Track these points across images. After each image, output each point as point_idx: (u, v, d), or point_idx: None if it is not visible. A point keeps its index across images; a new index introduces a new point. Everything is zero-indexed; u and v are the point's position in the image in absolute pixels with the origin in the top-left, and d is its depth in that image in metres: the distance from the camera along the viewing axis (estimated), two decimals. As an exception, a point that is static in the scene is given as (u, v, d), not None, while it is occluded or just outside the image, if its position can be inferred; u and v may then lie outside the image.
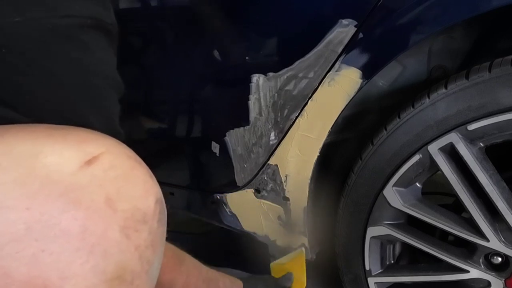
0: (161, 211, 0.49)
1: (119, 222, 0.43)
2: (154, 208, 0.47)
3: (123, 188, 0.45)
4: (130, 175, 0.47)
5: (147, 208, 0.46)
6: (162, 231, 0.49)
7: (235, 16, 0.94)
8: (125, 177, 0.46)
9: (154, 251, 0.46)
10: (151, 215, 0.47)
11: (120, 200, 0.44)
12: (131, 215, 0.44)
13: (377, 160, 0.90)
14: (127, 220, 0.44)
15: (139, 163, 0.49)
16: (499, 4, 0.70)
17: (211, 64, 0.98)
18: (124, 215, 0.44)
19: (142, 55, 1.13)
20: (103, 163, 0.45)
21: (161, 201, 0.50)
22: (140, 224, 0.45)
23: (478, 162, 0.80)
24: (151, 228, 0.46)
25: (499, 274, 0.88)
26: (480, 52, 0.92)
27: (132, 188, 0.46)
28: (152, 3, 1.05)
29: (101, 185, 0.44)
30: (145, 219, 0.46)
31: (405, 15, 0.76)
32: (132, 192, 0.46)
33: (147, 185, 0.48)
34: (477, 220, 0.84)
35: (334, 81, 0.84)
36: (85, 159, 0.44)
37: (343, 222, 1.01)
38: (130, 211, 0.45)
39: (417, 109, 0.84)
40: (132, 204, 0.45)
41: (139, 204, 0.46)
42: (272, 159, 0.99)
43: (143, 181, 0.48)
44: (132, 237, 0.44)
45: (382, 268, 1.01)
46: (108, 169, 0.45)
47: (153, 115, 1.19)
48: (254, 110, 0.96)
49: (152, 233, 0.46)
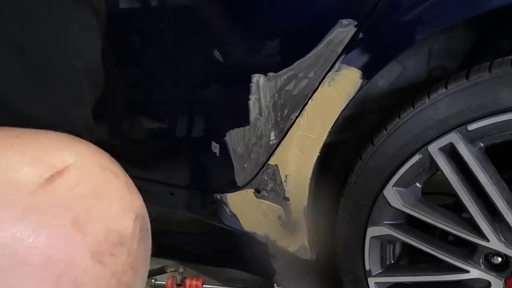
0: (142, 228, 0.43)
1: (90, 247, 0.38)
2: (133, 227, 0.42)
3: (94, 207, 0.40)
4: (102, 190, 0.41)
5: (124, 228, 0.41)
6: (145, 249, 0.44)
7: (235, 16, 0.94)
8: (96, 194, 0.40)
9: (134, 274, 0.42)
10: (130, 235, 0.41)
11: (90, 222, 0.39)
12: (104, 238, 0.39)
13: (377, 160, 0.90)
14: (100, 244, 0.39)
15: (115, 174, 0.43)
16: (499, 4, 0.70)
17: (211, 64, 0.98)
18: (96, 239, 0.39)
19: (142, 55, 1.13)
20: (68, 179, 0.39)
21: (142, 217, 0.44)
22: (116, 247, 0.40)
23: (478, 162, 0.80)
24: (130, 250, 0.41)
25: (499, 274, 0.88)
26: (480, 52, 0.92)
27: (105, 206, 0.40)
28: (152, 3, 1.05)
29: (66, 206, 0.38)
30: (122, 240, 0.40)
31: (405, 15, 0.76)
32: (105, 211, 0.40)
33: (123, 201, 0.42)
34: (477, 220, 0.84)
35: (334, 81, 0.84)
36: (47, 175, 0.38)
37: (343, 222, 1.01)
38: (103, 233, 0.39)
39: (417, 109, 0.84)
40: (105, 225, 0.40)
41: (114, 224, 0.40)
42: (272, 159, 0.99)
43: (119, 196, 0.42)
44: (107, 262, 0.39)
45: (382, 268, 1.01)
46: (75, 185, 0.39)
47: (153, 115, 1.19)
48: (254, 110, 0.96)
49: (132, 255, 0.41)
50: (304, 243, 1.08)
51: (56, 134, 0.43)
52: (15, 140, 0.40)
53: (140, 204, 0.44)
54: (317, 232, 1.10)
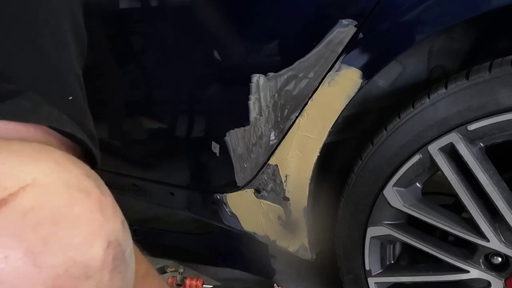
0: (116, 256, 0.37)
1: (46, 283, 0.33)
2: (103, 256, 0.36)
3: (52, 236, 0.34)
4: (64, 215, 0.35)
5: (90, 259, 0.35)
6: (121, 279, 0.38)
7: (235, 16, 0.94)
8: (56, 220, 0.34)
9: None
10: (98, 266, 0.36)
11: (47, 253, 0.33)
12: (64, 272, 0.34)
13: (377, 160, 0.90)
14: (58, 279, 0.33)
15: (85, 193, 0.37)
16: (499, 4, 0.70)
17: (212, 64, 0.98)
18: (54, 272, 0.33)
19: (142, 55, 1.13)
20: (22, 203, 0.33)
21: (118, 243, 0.38)
22: (79, 281, 0.35)
23: (478, 162, 0.80)
24: (99, 283, 0.36)
25: (499, 274, 0.88)
26: (480, 52, 0.92)
27: (67, 233, 0.35)
28: (152, 3, 1.05)
29: (17, 235, 0.33)
30: (87, 273, 0.35)
31: (405, 15, 0.76)
32: (67, 240, 0.34)
33: (92, 225, 0.36)
34: (477, 220, 0.84)
35: (334, 81, 0.84)
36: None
37: (343, 222, 1.01)
38: (63, 266, 0.34)
39: (417, 109, 0.84)
40: (67, 256, 0.34)
41: (78, 255, 0.35)
42: (272, 159, 0.99)
43: (85, 221, 0.36)
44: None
45: (382, 268, 1.01)
46: (30, 210, 0.34)
47: (154, 115, 1.19)
48: (254, 110, 0.96)
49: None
50: (304, 243, 1.08)
51: (20, 145, 0.37)
52: None
53: (115, 227, 0.38)
54: (317, 232, 1.10)
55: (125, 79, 1.18)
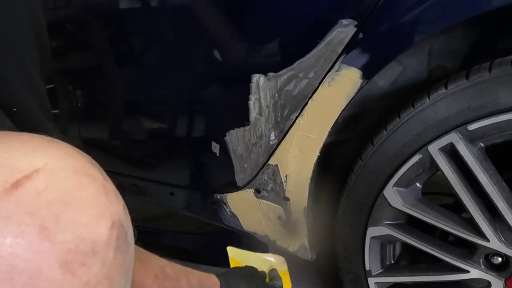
0: (119, 236, 0.41)
1: (58, 257, 0.36)
2: (108, 235, 0.39)
3: (64, 214, 0.37)
4: (74, 196, 0.38)
5: (97, 236, 0.39)
6: (123, 259, 0.41)
7: (235, 16, 0.94)
8: (67, 200, 0.38)
9: (111, 285, 0.39)
10: (104, 243, 0.39)
11: (59, 229, 0.36)
12: (75, 247, 0.37)
13: (377, 160, 0.90)
14: (69, 253, 0.37)
15: (91, 178, 0.41)
16: (499, 4, 0.70)
17: (212, 64, 0.98)
18: (65, 247, 0.36)
19: (143, 55, 1.13)
20: (36, 184, 0.37)
21: (120, 224, 0.41)
22: (88, 257, 0.38)
23: (478, 162, 0.80)
24: (104, 260, 0.39)
25: (499, 274, 0.88)
26: (480, 52, 0.92)
27: (77, 213, 0.38)
28: (153, 3, 1.05)
29: (32, 212, 0.36)
30: (95, 249, 0.38)
31: (405, 15, 0.76)
32: (77, 218, 0.38)
33: (98, 207, 0.40)
34: (477, 220, 0.84)
35: (334, 81, 0.84)
36: (13, 180, 0.36)
37: (343, 222, 1.01)
38: (74, 241, 0.37)
39: (417, 109, 0.84)
40: (77, 233, 0.37)
41: (86, 233, 0.38)
42: (272, 159, 0.99)
43: (92, 202, 0.39)
44: (78, 272, 0.37)
45: (382, 268, 1.01)
46: (43, 191, 0.37)
47: (154, 115, 1.19)
48: (254, 110, 0.96)
49: (107, 265, 0.39)
50: (304, 243, 1.08)
51: (30, 136, 0.41)
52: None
53: (118, 210, 0.42)
54: (317, 232, 1.10)
55: (125, 79, 1.18)
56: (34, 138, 0.40)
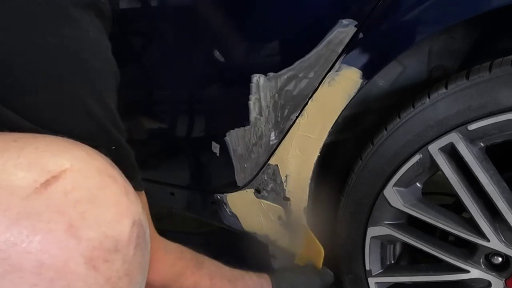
0: (139, 234, 0.43)
1: (84, 253, 0.38)
2: (129, 233, 0.41)
3: (89, 213, 0.39)
4: (98, 196, 0.40)
5: (119, 234, 0.40)
6: (142, 256, 0.43)
7: (235, 16, 0.94)
8: (92, 199, 0.40)
9: (130, 281, 0.41)
10: (126, 241, 0.41)
11: (85, 227, 0.38)
12: (99, 244, 0.39)
13: (378, 160, 0.90)
14: (94, 250, 0.38)
15: (113, 178, 0.43)
16: (499, 4, 0.70)
17: (212, 64, 0.98)
18: (90, 244, 0.38)
19: (143, 55, 1.13)
20: (64, 184, 0.39)
21: (140, 223, 0.43)
22: (110, 254, 0.39)
23: (479, 162, 0.80)
24: (125, 256, 0.41)
25: (500, 274, 0.88)
26: (480, 52, 0.92)
27: (101, 211, 0.40)
28: (153, 3, 1.05)
29: (60, 211, 0.38)
30: (117, 247, 0.40)
31: (405, 15, 0.76)
32: (101, 217, 0.40)
33: (120, 206, 0.41)
34: (478, 220, 0.84)
35: (334, 81, 0.84)
36: (42, 180, 0.38)
37: (344, 222, 1.01)
38: (98, 239, 0.39)
39: (417, 109, 0.84)
40: (101, 230, 0.39)
41: (110, 230, 0.40)
42: (272, 159, 0.99)
43: (115, 202, 0.41)
44: (101, 268, 0.39)
45: (383, 268, 1.01)
46: (71, 190, 0.39)
47: (154, 115, 1.19)
48: (254, 110, 0.96)
49: (127, 262, 0.41)
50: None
51: (54, 138, 0.42)
52: (12, 144, 0.40)
53: (138, 210, 0.43)
54: (317, 232, 1.10)
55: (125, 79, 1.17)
56: (58, 140, 0.42)
